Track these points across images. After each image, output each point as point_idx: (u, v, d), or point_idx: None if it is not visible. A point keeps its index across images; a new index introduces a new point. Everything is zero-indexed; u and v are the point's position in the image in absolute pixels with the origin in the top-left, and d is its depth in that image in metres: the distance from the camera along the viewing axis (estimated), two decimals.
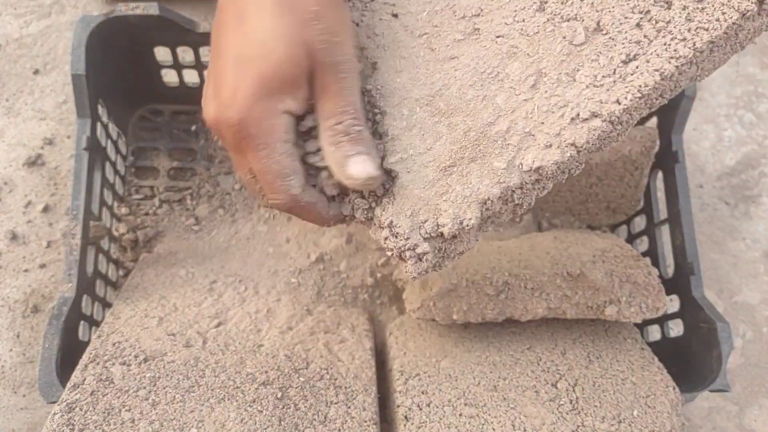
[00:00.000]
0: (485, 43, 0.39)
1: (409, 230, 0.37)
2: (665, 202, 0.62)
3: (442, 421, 0.48)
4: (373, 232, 0.40)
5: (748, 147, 0.78)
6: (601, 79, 0.36)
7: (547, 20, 0.39)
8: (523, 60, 0.38)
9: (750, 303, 0.72)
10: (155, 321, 0.52)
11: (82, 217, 0.55)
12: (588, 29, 0.37)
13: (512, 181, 0.37)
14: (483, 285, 0.51)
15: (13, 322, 0.64)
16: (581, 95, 0.36)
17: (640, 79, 0.36)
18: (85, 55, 0.56)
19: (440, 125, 0.39)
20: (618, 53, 0.36)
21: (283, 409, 0.46)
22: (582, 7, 0.38)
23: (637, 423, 0.49)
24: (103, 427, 0.43)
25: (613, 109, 0.35)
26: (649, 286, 0.53)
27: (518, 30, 0.39)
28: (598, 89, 0.36)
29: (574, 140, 0.36)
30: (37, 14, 0.76)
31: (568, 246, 0.56)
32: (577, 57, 0.37)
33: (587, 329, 0.56)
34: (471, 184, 0.37)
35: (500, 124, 0.37)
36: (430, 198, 0.38)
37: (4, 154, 0.70)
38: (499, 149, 0.37)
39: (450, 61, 0.40)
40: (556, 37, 0.38)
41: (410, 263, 0.38)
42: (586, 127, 0.36)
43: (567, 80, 0.37)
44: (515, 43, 0.39)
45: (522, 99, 0.38)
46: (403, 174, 0.39)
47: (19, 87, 0.73)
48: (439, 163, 0.38)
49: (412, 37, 0.41)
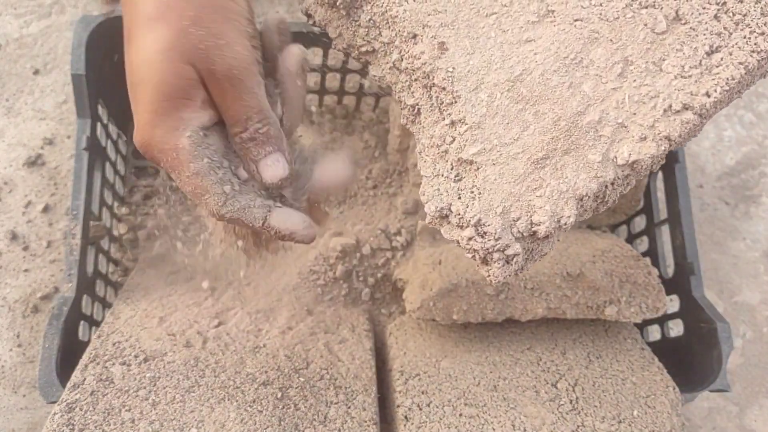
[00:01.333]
0: (563, 26, 0.37)
1: (501, 229, 0.34)
2: (665, 202, 0.62)
3: (442, 421, 0.48)
4: (446, 232, 0.37)
5: (748, 147, 0.78)
6: (688, 70, 0.35)
7: (626, 6, 0.37)
8: (607, 46, 0.36)
9: (750, 303, 0.72)
10: (155, 321, 0.52)
11: (82, 217, 0.55)
12: (668, 18, 0.36)
13: (608, 175, 0.35)
14: (483, 285, 0.51)
15: (13, 322, 0.64)
16: (671, 86, 0.35)
17: (727, 71, 0.35)
18: (85, 55, 0.56)
19: (526, 113, 0.36)
20: (701, 44, 0.35)
21: (283, 409, 0.46)
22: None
23: (637, 423, 0.49)
24: (103, 427, 0.43)
25: (704, 102, 0.35)
26: (649, 286, 0.53)
27: (597, 14, 0.37)
28: (686, 80, 0.35)
29: (669, 133, 0.34)
30: (37, 14, 0.76)
31: (567, 246, 0.56)
32: (661, 46, 0.36)
33: (587, 329, 0.56)
34: (567, 179, 0.35)
35: (591, 114, 0.35)
36: (521, 193, 0.35)
37: (4, 154, 0.70)
38: (593, 141, 0.35)
39: (527, 44, 0.37)
40: (637, 24, 0.36)
41: (496, 266, 0.35)
42: (679, 120, 0.35)
43: (654, 69, 0.36)
44: (596, 27, 0.37)
45: (610, 87, 0.36)
46: (487, 166, 0.36)
47: (20, 87, 0.73)
48: (530, 154, 0.35)
49: (479, 16, 0.38)
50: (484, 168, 0.36)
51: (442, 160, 0.38)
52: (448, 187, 0.37)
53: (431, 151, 0.39)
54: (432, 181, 0.39)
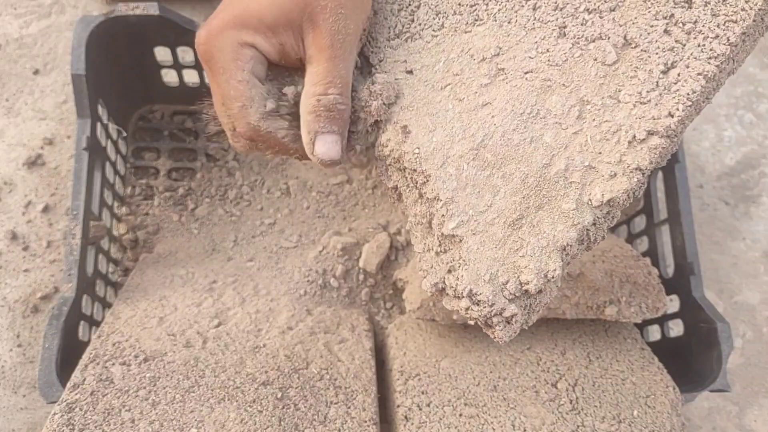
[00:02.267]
0: (515, 82, 0.37)
1: (492, 295, 0.35)
2: (665, 202, 0.62)
3: (441, 421, 0.48)
4: (447, 303, 0.38)
5: (747, 147, 0.78)
6: (646, 95, 0.35)
7: (572, 45, 0.37)
8: (561, 92, 0.36)
9: (750, 303, 0.72)
10: (155, 321, 0.52)
11: (82, 217, 0.55)
12: (617, 46, 0.36)
13: (586, 219, 0.35)
14: None
15: (13, 322, 0.64)
16: (631, 116, 0.35)
17: (686, 86, 0.34)
18: (85, 55, 0.56)
19: (494, 178, 0.36)
20: (655, 64, 0.35)
21: (283, 410, 0.46)
22: (604, 24, 0.36)
23: (637, 423, 0.49)
24: (103, 427, 0.43)
25: (668, 123, 0.34)
26: (649, 286, 0.53)
27: (545, 61, 0.37)
28: (646, 106, 0.35)
29: (638, 163, 0.34)
30: (37, 14, 0.76)
31: None
32: (615, 77, 0.36)
33: (587, 329, 0.56)
34: (545, 233, 0.35)
35: (557, 164, 0.35)
36: (505, 257, 0.35)
37: (4, 154, 0.70)
38: (564, 190, 0.35)
39: (483, 108, 0.37)
40: (587, 61, 0.36)
41: (498, 329, 0.35)
42: (646, 147, 0.34)
43: (612, 103, 0.35)
44: (546, 75, 0.37)
45: (571, 132, 0.36)
46: (468, 237, 0.36)
47: (19, 87, 0.73)
48: (505, 218, 0.36)
49: (434, 90, 0.39)
50: (465, 239, 0.36)
51: (429, 236, 0.39)
52: (438, 260, 0.38)
53: (418, 228, 0.40)
54: (424, 256, 0.39)
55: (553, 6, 0.38)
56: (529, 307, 0.36)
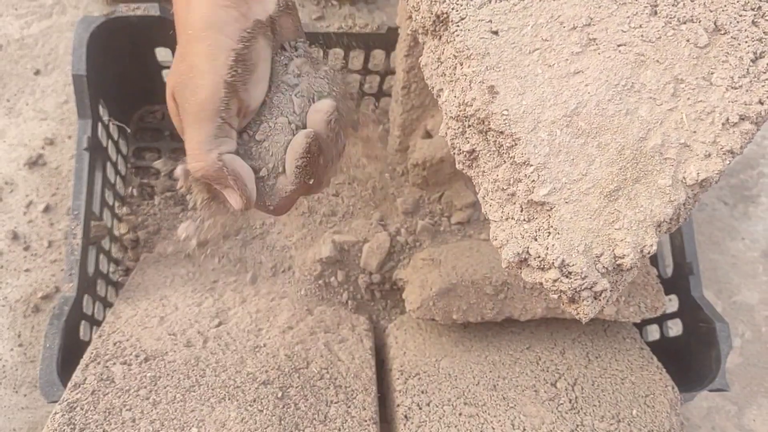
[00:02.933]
0: (608, 53, 0.37)
1: (586, 267, 0.34)
2: None
3: (441, 420, 0.48)
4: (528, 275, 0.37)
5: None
6: (738, 80, 0.35)
7: (665, 24, 0.37)
8: (655, 68, 0.36)
9: (749, 303, 0.72)
10: (156, 320, 0.52)
11: (83, 217, 0.55)
12: (708, 30, 0.36)
13: (680, 197, 0.35)
14: (482, 285, 0.52)
15: (14, 322, 0.65)
16: (724, 98, 0.35)
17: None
18: (86, 55, 0.56)
19: (589, 147, 0.36)
20: (745, 52, 0.35)
21: (284, 409, 0.47)
22: (695, 8, 0.37)
23: (636, 422, 0.49)
24: (104, 426, 0.43)
25: (759, 110, 0.35)
26: (648, 285, 0.53)
27: (639, 36, 0.37)
28: (738, 91, 0.35)
29: (731, 146, 0.35)
30: (38, 15, 0.76)
31: None
32: (707, 59, 0.36)
33: (586, 329, 0.56)
34: (642, 207, 0.35)
35: (654, 138, 0.35)
36: (600, 228, 0.35)
37: (6, 154, 0.70)
38: (660, 165, 0.35)
39: (575, 76, 0.37)
40: (679, 41, 0.36)
41: (585, 304, 0.35)
42: (739, 131, 0.35)
43: (705, 84, 0.36)
44: (640, 50, 0.37)
45: (666, 109, 0.36)
46: (560, 205, 0.35)
47: (20, 87, 0.73)
48: (601, 188, 0.35)
49: (522, 54, 0.38)
50: (557, 207, 0.35)
51: (509, 203, 0.38)
52: (522, 230, 0.37)
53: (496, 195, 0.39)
54: (502, 224, 0.38)
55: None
56: (616, 284, 0.36)
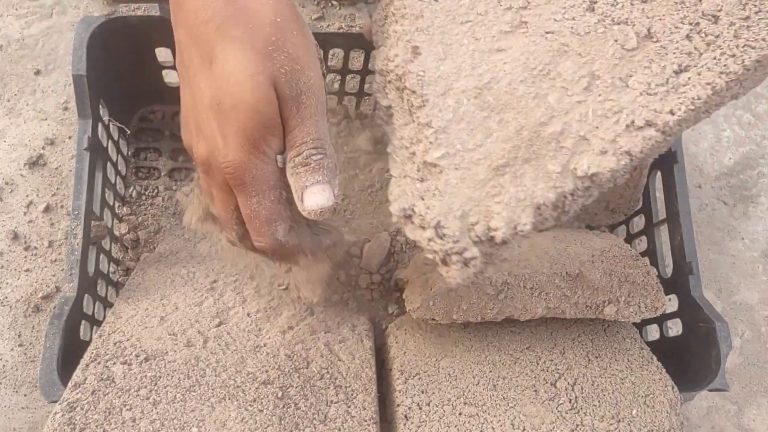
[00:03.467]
0: (534, 38, 0.38)
1: (459, 232, 0.35)
2: (664, 202, 0.62)
3: (441, 420, 0.48)
4: (410, 232, 0.38)
5: (746, 147, 0.79)
6: (654, 88, 0.36)
7: (598, 21, 0.37)
8: (575, 60, 0.37)
9: (748, 303, 0.72)
10: (156, 320, 0.52)
11: (84, 217, 0.55)
12: (639, 35, 0.37)
13: (567, 186, 0.36)
14: (482, 284, 0.52)
15: (14, 322, 0.65)
16: (635, 102, 0.36)
17: (693, 91, 0.35)
18: (86, 55, 0.56)
19: (490, 121, 0.37)
20: (670, 63, 0.36)
21: (284, 409, 0.47)
22: (633, 12, 0.37)
23: (636, 422, 0.49)
24: (104, 426, 0.43)
25: (667, 120, 0.35)
26: (648, 285, 0.53)
27: (568, 28, 0.38)
28: (652, 97, 0.36)
29: (630, 148, 0.35)
30: (38, 15, 0.76)
31: (567, 246, 0.57)
32: (630, 62, 0.36)
33: (586, 329, 0.56)
34: (525, 187, 0.36)
35: (554, 125, 0.36)
36: (481, 199, 0.36)
37: (6, 154, 0.70)
38: (554, 152, 0.36)
39: (497, 53, 0.38)
40: (607, 40, 0.37)
41: (455, 268, 0.36)
42: (641, 136, 0.35)
43: (620, 85, 0.36)
44: (566, 41, 0.37)
45: (575, 100, 0.36)
46: (450, 170, 0.36)
47: (21, 87, 0.73)
48: (491, 161, 0.36)
49: (454, 23, 0.39)
50: (446, 172, 0.36)
51: (409, 162, 0.39)
52: (413, 188, 0.38)
53: (400, 152, 0.40)
54: (399, 181, 0.39)
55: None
56: (490, 257, 0.37)
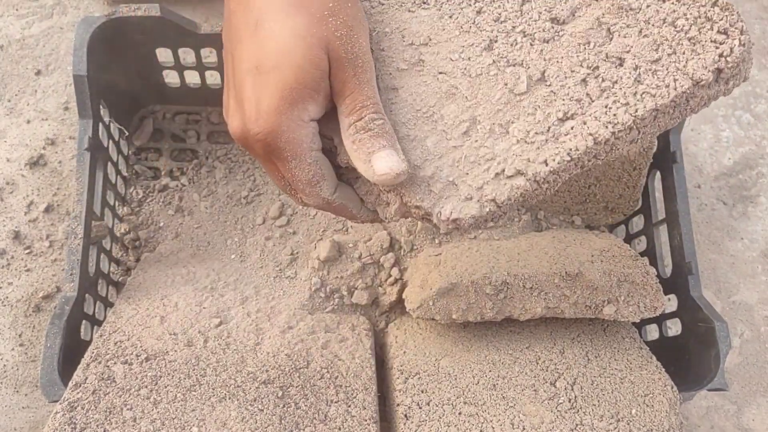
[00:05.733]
0: (426, 78, 0.38)
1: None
2: (663, 202, 0.62)
3: (441, 419, 0.48)
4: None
5: (745, 147, 0.79)
6: (533, 136, 0.35)
7: (493, 62, 0.37)
8: (461, 103, 0.37)
9: (748, 302, 0.72)
10: (157, 320, 0.53)
11: (84, 217, 0.55)
12: (531, 78, 0.36)
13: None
14: (482, 284, 0.52)
15: (15, 322, 0.65)
16: (510, 150, 0.35)
17: (573, 141, 0.34)
18: (86, 56, 0.56)
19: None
20: (556, 110, 0.35)
21: (284, 408, 0.47)
22: (530, 53, 0.37)
23: (636, 422, 0.49)
24: (105, 425, 0.44)
25: (539, 170, 0.34)
26: (647, 285, 0.54)
27: (461, 69, 0.37)
28: (528, 146, 0.35)
29: (495, 196, 0.35)
30: (39, 15, 0.76)
31: (566, 246, 0.57)
32: (515, 108, 0.36)
33: (586, 328, 0.56)
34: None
35: (426, 169, 0.36)
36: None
37: (7, 154, 0.70)
38: (421, 195, 0.36)
39: (389, 92, 0.38)
40: (497, 83, 0.37)
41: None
42: (510, 185, 0.35)
43: (500, 132, 0.36)
44: (456, 83, 0.37)
45: (452, 145, 0.36)
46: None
47: (21, 87, 0.73)
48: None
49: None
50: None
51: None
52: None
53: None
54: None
55: (495, 17, 0.38)
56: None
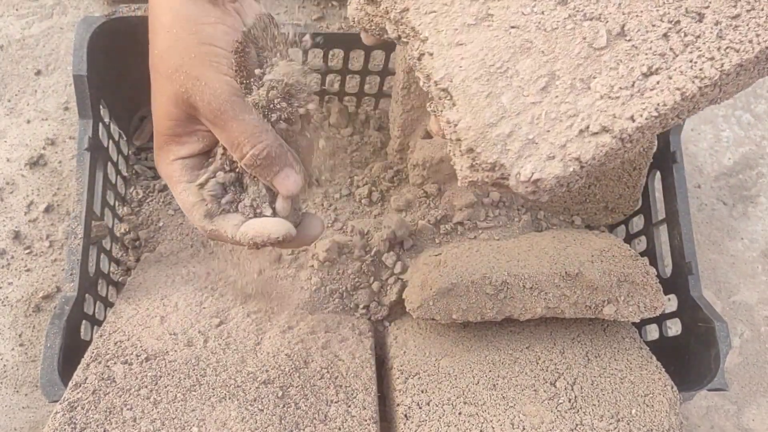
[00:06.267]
0: (497, 33, 0.36)
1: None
2: (663, 202, 0.62)
3: (441, 419, 0.48)
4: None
5: (745, 147, 0.79)
6: (617, 91, 0.34)
7: (569, 16, 0.35)
8: (537, 58, 0.35)
9: (748, 302, 0.73)
10: (157, 320, 0.53)
11: (84, 217, 0.55)
12: (611, 32, 0.34)
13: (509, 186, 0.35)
14: (482, 284, 0.52)
15: (15, 322, 0.65)
16: (594, 106, 0.34)
17: (660, 96, 0.33)
18: (86, 55, 0.56)
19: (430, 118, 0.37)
20: (639, 64, 0.34)
21: (284, 408, 0.47)
22: (608, 7, 0.35)
23: (636, 422, 0.49)
24: (105, 425, 0.44)
25: (625, 126, 0.33)
26: (647, 285, 0.54)
27: (535, 23, 0.36)
28: (612, 101, 0.33)
29: (579, 155, 0.33)
30: (39, 15, 0.76)
31: (566, 246, 0.57)
32: (595, 62, 0.34)
33: (586, 328, 0.56)
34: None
35: (502, 126, 0.34)
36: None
37: (7, 154, 0.70)
38: (497, 154, 0.34)
39: (456, 48, 0.36)
40: (575, 37, 0.35)
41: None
42: (594, 142, 0.33)
43: (581, 87, 0.34)
44: (530, 37, 0.35)
45: (530, 101, 0.35)
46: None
47: (22, 88, 0.73)
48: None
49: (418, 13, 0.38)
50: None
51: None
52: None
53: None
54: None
55: None
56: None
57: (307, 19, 0.77)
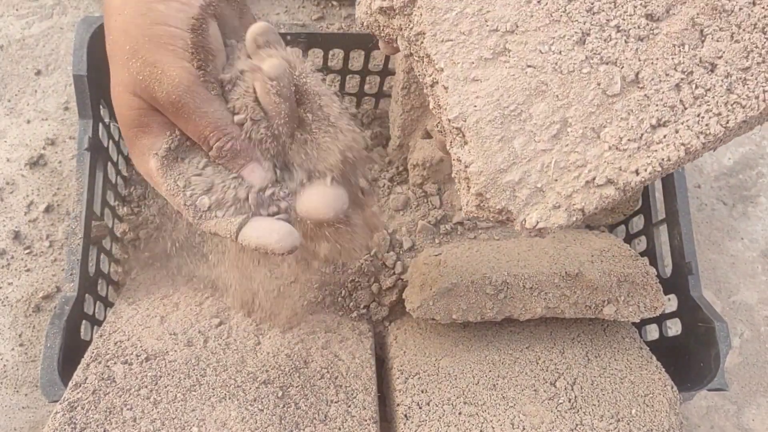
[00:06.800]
0: (514, 71, 0.35)
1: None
2: (663, 202, 0.62)
3: (441, 419, 0.48)
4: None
5: (745, 147, 0.79)
6: (626, 143, 0.34)
7: (586, 58, 0.35)
8: (551, 102, 0.35)
9: (748, 302, 0.73)
10: (157, 320, 0.53)
11: (84, 217, 0.55)
12: (625, 79, 0.34)
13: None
14: (482, 284, 0.52)
15: (15, 322, 0.65)
16: (602, 157, 0.34)
17: (665, 151, 0.33)
18: (86, 55, 0.56)
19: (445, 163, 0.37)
20: (649, 116, 0.34)
21: (284, 408, 0.47)
22: (625, 51, 0.35)
23: (636, 422, 0.49)
24: (105, 425, 0.44)
25: (629, 180, 0.33)
26: (647, 285, 0.54)
27: (552, 63, 0.35)
28: (620, 154, 0.34)
29: (584, 206, 0.33)
30: (39, 15, 0.76)
31: (566, 246, 0.57)
32: (607, 111, 0.34)
33: (586, 328, 0.56)
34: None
35: (513, 173, 0.35)
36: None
37: (7, 154, 0.70)
38: (506, 201, 0.35)
39: (471, 84, 0.36)
40: (590, 82, 0.35)
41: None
42: (599, 194, 0.33)
43: (591, 136, 0.34)
44: (546, 78, 0.35)
45: (541, 148, 0.34)
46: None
47: (21, 87, 0.73)
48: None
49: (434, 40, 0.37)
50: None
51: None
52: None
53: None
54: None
55: (588, 6, 0.35)
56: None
57: (307, 19, 0.77)
